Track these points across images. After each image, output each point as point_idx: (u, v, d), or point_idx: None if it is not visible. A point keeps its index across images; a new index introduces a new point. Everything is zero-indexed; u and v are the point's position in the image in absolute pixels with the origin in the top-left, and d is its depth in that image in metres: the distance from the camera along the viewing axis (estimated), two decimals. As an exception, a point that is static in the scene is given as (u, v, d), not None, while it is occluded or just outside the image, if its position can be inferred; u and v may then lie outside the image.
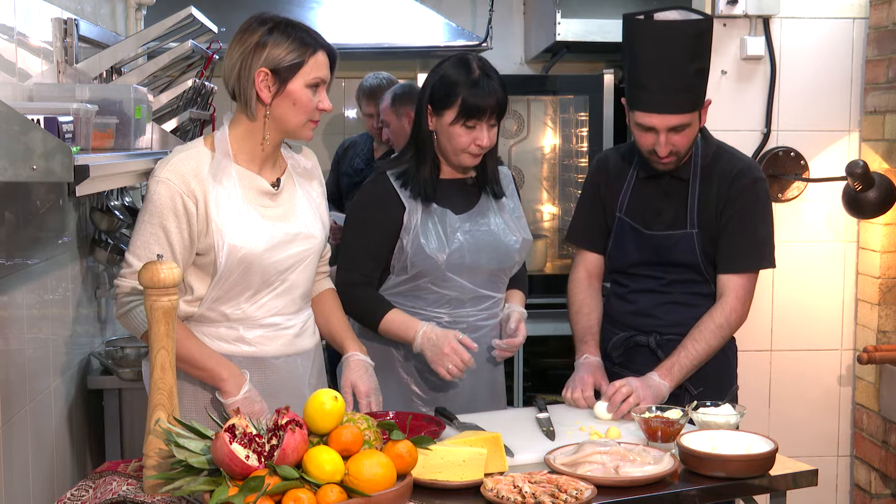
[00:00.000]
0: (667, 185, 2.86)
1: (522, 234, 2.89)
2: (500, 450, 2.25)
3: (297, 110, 2.38)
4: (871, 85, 3.63)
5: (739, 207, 2.79)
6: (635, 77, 2.74)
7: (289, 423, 1.94)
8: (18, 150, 1.76)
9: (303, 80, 2.37)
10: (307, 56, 2.36)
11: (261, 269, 2.41)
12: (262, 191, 2.44)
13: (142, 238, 2.35)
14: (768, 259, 2.85)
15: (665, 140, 2.72)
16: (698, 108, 2.73)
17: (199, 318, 2.44)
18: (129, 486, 2.13)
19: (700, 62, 2.72)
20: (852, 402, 3.80)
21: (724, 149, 2.90)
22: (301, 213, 2.50)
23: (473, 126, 2.72)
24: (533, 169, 5.19)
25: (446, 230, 2.79)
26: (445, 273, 2.78)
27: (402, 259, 2.79)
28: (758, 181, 2.83)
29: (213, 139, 2.42)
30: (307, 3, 4.79)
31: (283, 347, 2.51)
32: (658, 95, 2.69)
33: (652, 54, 2.71)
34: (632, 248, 2.89)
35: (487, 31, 4.83)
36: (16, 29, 2.52)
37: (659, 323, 2.87)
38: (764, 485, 2.29)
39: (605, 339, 2.95)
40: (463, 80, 2.72)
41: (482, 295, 2.85)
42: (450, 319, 2.82)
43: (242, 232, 2.37)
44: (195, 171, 2.36)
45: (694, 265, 2.83)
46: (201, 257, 2.39)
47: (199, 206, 2.35)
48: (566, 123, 5.17)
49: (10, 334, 2.51)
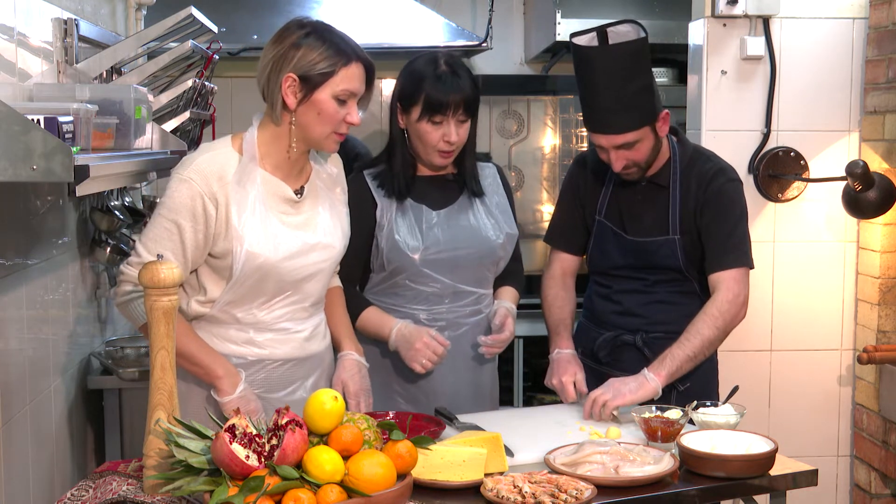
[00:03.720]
0: (645, 190, 2.88)
1: (506, 228, 2.89)
2: (500, 450, 2.25)
3: (321, 120, 2.35)
4: (871, 85, 3.63)
5: (717, 210, 2.82)
6: (583, 98, 2.80)
7: (289, 423, 1.94)
8: (18, 150, 1.75)
9: (331, 90, 2.33)
10: (339, 66, 2.32)
11: (277, 277, 2.40)
12: (285, 198, 2.42)
13: (154, 231, 2.34)
14: (746, 258, 2.86)
15: (616, 157, 2.75)
16: (645, 125, 2.74)
17: (209, 319, 2.44)
18: (129, 486, 2.13)
19: (640, 80, 2.73)
20: (852, 402, 3.80)
21: (700, 152, 2.94)
22: (322, 222, 2.49)
23: (440, 122, 2.72)
24: (533, 169, 5.19)
25: (422, 226, 2.80)
26: (421, 269, 2.79)
27: (379, 256, 2.81)
28: (733, 182, 2.87)
29: (242, 140, 2.40)
30: (307, 3, 4.79)
31: (293, 351, 2.51)
32: (600, 115, 2.74)
33: (591, 76, 2.74)
34: (614, 251, 2.91)
35: (487, 31, 4.83)
36: (16, 29, 2.52)
37: (645, 322, 2.89)
38: (764, 485, 2.29)
39: (590, 339, 2.96)
40: (428, 75, 2.73)
41: (462, 291, 2.85)
42: (428, 316, 2.83)
43: (262, 239, 2.36)
44: (220, 174, 2.34)
45: (677, 268, 2.86)
46: (218, 260, 2.38)
47: (220, 210, 2.33)
48: (566, 123, 5.17)
49: (10, 334, 2.51)
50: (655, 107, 2.76)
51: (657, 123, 2.77)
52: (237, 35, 4.38)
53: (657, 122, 2.77)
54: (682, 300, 2.88)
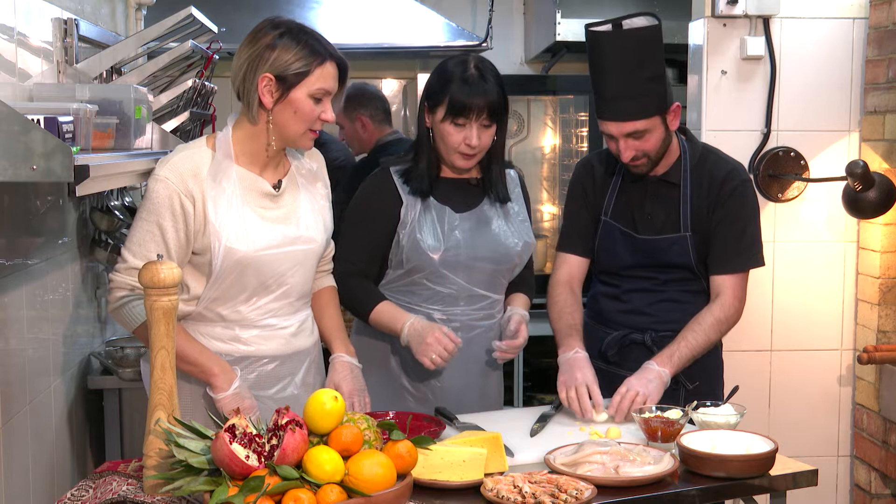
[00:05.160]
0: (655, 188, 2.87)
1: (524, 237, 2.89)
2: (500, 450, 2.25)
3: (297, 119, 2.38)
4: (871, 85, 3.63)
5: (729, 210, 2.83)
6: (594, 86, 2.80)
7: (289, 423, 1.94)
8: (18, 150, 1.76)
9: (307, 89, 2.35)
10: (314, 66, 2.35)
11: (257, 270, 2.41)
12: (263, 192, 2.44)
13: (138, 235, 2.36)
14: (758, 258, 2.89)
15: (625, 146, 2.75)
16: (656, 114, 2.73)
17: (195, 318, 2.45)
18: (129, 486, 2.13)
19: (652, 68, 2.72)
20: (852, 402, 3.80)
21: (710, 150, 2.94)
22: (303, 215, 2.50)
23: (463, 125, 2.72)
24: (533, 169, 5.20)
25: (444, 227, 2.79)
26: (440, 269, 2.79)
27: (399, 254, 2.80)
28: (746, 183, 2.87)
29: (215, 139, 2.43)
30: (307, 3, 4.79)
31: (280, 347, 2.51)
32: (611, 103, 2.74)
33: (604, 63, 2.75)
34: (622, 251, 2.90)
35: (487, 31, 4.84)
36: (16, 29, 2.52)
37: (653, 320, 2.89)
38: (764, 485, 2.29)
39: (597, 339, 2.95)
40: (455, 77, 2.72)
41: (477, 294, 2.85)
42: (442, 317, 2.82)
43: (240, 234, 2.37)
44: (194, 171, 2.36)
45: (688, 266, 2.86)
46: (198, 257, 2.39)
47: (197, 206, 2.35)
48: (566, 123, 5.18)
49: (10, 334, 2.51)
50: (667, 97, 2.75)
51: (668, 116, 2.76)
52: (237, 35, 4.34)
53: (668, 113, 2.76)
54: (690, 299, 2.88)
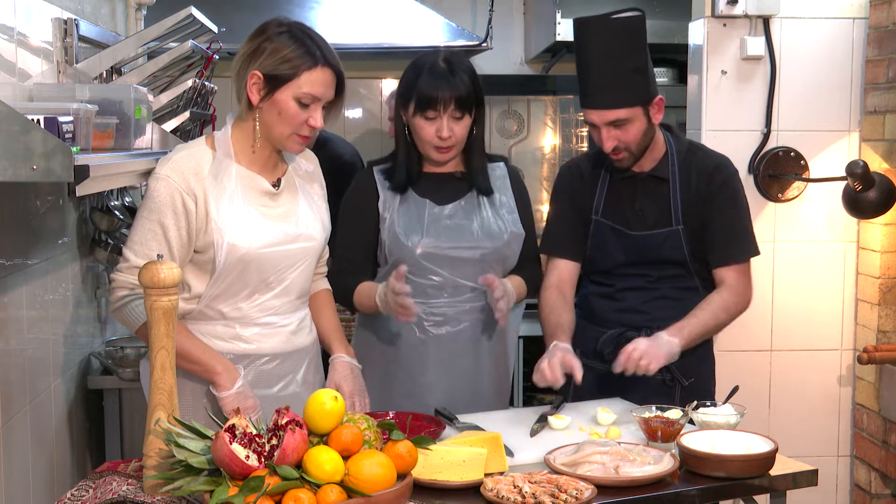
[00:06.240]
0: (645, 184, 2.88)
1: (511, 227, 2.89)
2: (500, 450, 2.25)
3: (282, 120, 2.37)
4: (871, 85, 3.63)
5: (721, 203, 2.85)
6: (580, 76, 2.81)
7: (289, 423, 1.94)
8: (18, 150, 1.76)
9: (292, 92, 2.34)
10: (302, 70, 2.34)
11: (259, 268, 2.41)
12: (263, 191, 2.44)
13: (139, 234, 2.36)
14: (754, 247, 2.91)
15: (606, 135, 2.76)
16: (637, 104, 2.74)
17: (196, 316, 2.45)
18: (129, 486, 2.13)
19: (636, 59, 2.74)
20: (852, 402, 3.80)
21: (696, 146, 2.98)
22: (302, 214, 2.51)
23: (433, 118, 2.74)
24: (533, 169, 5.19)
25: (424, 220, 2.81)
26: (421, 262, 2.80)
27: (384, 249, 2.84)
28: (734, 175, 2.91)
29: (214, 139, 2.43)
30: (307, 3, 4.79)
31: (280, 345, 2.52)
32: (594, 91, 2.76)
33: (587, 52, 2.77)
34: (615, 249, 2.90)
35: (487, 31, 4.83)
36: (16, 29, 2.52)
37: (648, 318, 2.89)
38: (764, 485, 2.29)
39: (590, 339, 2.94)
40: (423, 71, 2.75)
41: (461, 285, 2.85)
42: (426, 310, 2.83)
43: (242, 231, 2.38)
44: (195, 170, 2.36)
45: (681, 261, 2.87)
46: (200, 255, 2.39)
47: (199, 204, 2.35)
48: (566, 123, 5.17)
49: (10, 334, 2.51)
50: (649, 89, 2.77)
51: (651, 108, 2.77)
52: (237, 35, 4.34)
53: (651, 106, 2.77)
54: (683, 296, 2.88)
